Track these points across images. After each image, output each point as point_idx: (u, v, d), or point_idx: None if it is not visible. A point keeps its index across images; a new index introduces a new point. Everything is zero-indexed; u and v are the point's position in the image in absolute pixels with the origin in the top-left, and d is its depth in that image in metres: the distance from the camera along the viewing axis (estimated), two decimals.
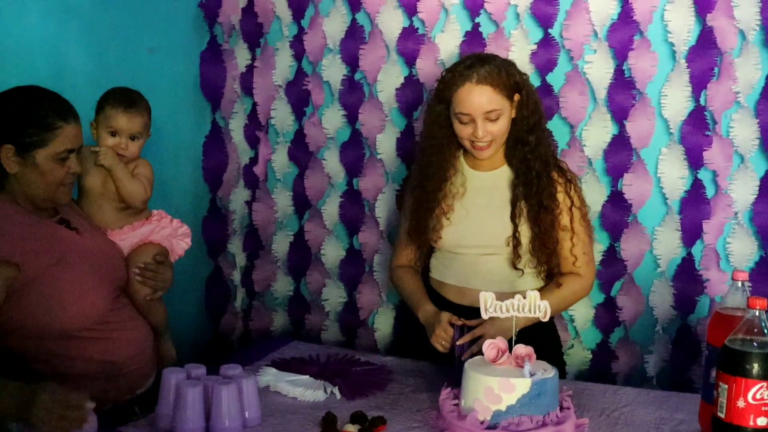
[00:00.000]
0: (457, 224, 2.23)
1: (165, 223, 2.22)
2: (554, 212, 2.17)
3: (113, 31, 2.46)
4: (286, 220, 2.89)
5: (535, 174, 2.16)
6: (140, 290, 2.10)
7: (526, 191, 2.17)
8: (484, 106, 2.10)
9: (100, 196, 2.12)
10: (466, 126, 2.14)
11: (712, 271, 2.42)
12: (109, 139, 2.10)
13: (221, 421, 1.66)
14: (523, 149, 2.18)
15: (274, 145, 2.85)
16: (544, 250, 2.18)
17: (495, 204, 2.21)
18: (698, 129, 2.39)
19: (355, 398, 1.94)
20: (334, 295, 2.84)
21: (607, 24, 2.44)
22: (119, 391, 1.97)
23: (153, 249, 2.16)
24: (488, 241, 2.20)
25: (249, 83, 2.83)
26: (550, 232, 2.17)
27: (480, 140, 2.13)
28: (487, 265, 2.22)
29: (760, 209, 2.37)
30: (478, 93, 2.09)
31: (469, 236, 2.22)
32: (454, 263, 2.26)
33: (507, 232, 2.18)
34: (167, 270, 2.16)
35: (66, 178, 1.90)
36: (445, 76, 2.17)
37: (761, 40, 2.32)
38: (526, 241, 2.17)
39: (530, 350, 1.76)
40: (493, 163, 2.24)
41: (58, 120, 1.85)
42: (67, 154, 1.88)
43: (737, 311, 1.64)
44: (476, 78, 2.09)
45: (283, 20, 2.77)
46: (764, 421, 1.52)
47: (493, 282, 2.17)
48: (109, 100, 2.10)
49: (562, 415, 1.72)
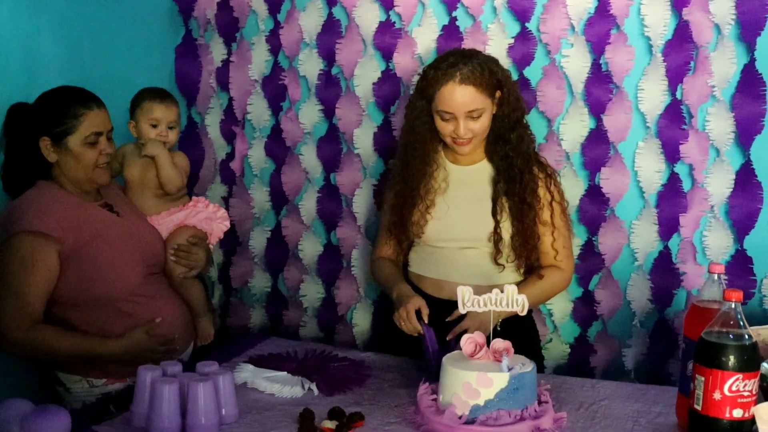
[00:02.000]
0: (438, 219, 2.23)
1: (200, 207, 2.44)
2: (536, 208, 2.18)
3: (86, 25, 2.44)
4: (263, 216, 2.87)
5: (517, 171, 2.18)
6: (175, 269, 2.34)
7: (508, 188, 2.18)
8: (467, 105, 2.10)
9: (141, 185, 2.37)
10: (448, 123, 2.14)
11: (689, 264, 2.44)
12: (151, 130, 2.34)
13: (197, 418, 1.64)
14: (505, 147, 2.19)
15: (250, 141, 2.83)
16: (526, 246, 2.19)
17: (476, 198, 2.22)
18: (675, 123, 2.40)
19: (333, 394, 1.93)
20: (312, 291, 2.83)
21: (584, 18, 2.44)
22: (148, 360, 2.04)
23: (188, 231, 2.39)
24: (469, 236, 2.21)
25: (225, 78, 2.80)
26: (532, 228, 2.18)
27: (461, 137, 2.14)
28: (466, 258, 2.22)
29: (736, 203, 2.38)
30: (461, 93, 2.10)
31: (450, 230, 2.22)
32: (433, 257, 2.26)
33: (488, 227, 2.18)
34: (200, 251, 2.38)
35: (99, 159, 2.14)
36: (428, 73, 2.17)
37: (736, 35, 2.33)
38: (508, 236, 2.18)
39: (508, 344, 1.76)
40: (473, 158, 2.25)
41: (80, 108, 2.09)
42: (95, 137, 2.11)
43: (713, 304, 1.65)
44: (459, 77, 2.09)
45: (259, 14, 2.74)
46: (740, 413, 1.53)
47: (472, 276, 2.18)
48: (146, 96, 2.35)
49: (540, 410, 1.72)
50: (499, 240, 2.17)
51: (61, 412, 1.55)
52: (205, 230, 2.44)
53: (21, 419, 1.53)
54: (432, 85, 2.13)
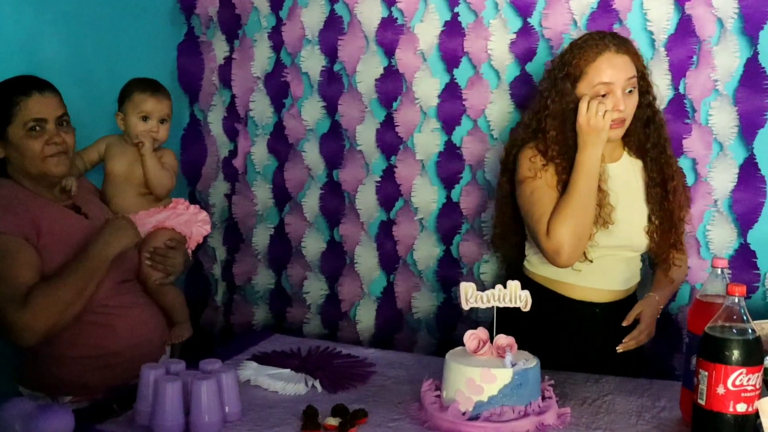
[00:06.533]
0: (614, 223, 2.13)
1: (181, 209, 2.30)
2: (680, 203, 2.19)
3: (89, 22, 2.44)
4: (266, 213, 2.87)
5: (664, 159, 2.16)
6: (151, 275, 2.19)
7: (655, 176, 2.17)
8: (628, 72, 2.05)
9: (125, 181, 2.23)
10: (606, 99, 2.04)
11: (693, 258, 2.43)
12: (141, 124, 2.20)
13: (201, 416, 1.64)
14: (650, 140, 2.17)
15: (253, 138, 2.83)
16: (668, 242, 2.20)
17: (632, 196, 2.18)
18: (678, 117, 2.39)
19: (336, 391, 1.93)
20: (316, 288, 2.82)
21: (587, 13, 2.43)
22: (119, 379, 1.97)
23: (166, 234, 2.25)
24: (634, 239, 2.17)
25: (227, 75, 2.80)
26: (678, 227, 2.20)
27: (621, 112, 2.05)
28: (626, 263, 2.22)
29: (739, 197, 2.38)
30: (620, 60, 2.04)
31: (619, 232, 2.13)
32: (592, 264, 2.14)
33: (645, 221, 2.17)
34: (178, 255, 2.25)
35: (47, 149, 1.96)
36: (572, 52, 2.08)
37: (739, 28, 2.33)
38: (655, 229, 2.18)
39: (511, 340, 1.76)
40: (613, 154, 2.17)
41: (17, 95, 1.93)
42: (37, 124, 1.94)
43: (717, 298, 1.64)
44: (614, 47, 2.05)
45: (261, 11, 2.74)
46: (744, 408, 1.53)
47: (625, 280, 2.23)
48: (136, 87, 2.22)
49: (544, 405, 1.72)
50: (657, 231, 2.16)
51: (64, 410, 1.55)
52: (184, 233, 2.32)
53: (23, 418, 1.53)
54: (584, 59, 2.05)
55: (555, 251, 2.03)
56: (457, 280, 2.61)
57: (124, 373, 1.99)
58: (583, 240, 2.05)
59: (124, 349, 2.04)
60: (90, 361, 2.01)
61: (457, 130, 2.60)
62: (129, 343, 2.05)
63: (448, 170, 2.63)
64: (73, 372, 1.99)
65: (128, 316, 2.07)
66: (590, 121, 2.02)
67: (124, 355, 2.04)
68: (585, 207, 2.03)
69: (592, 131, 2.02)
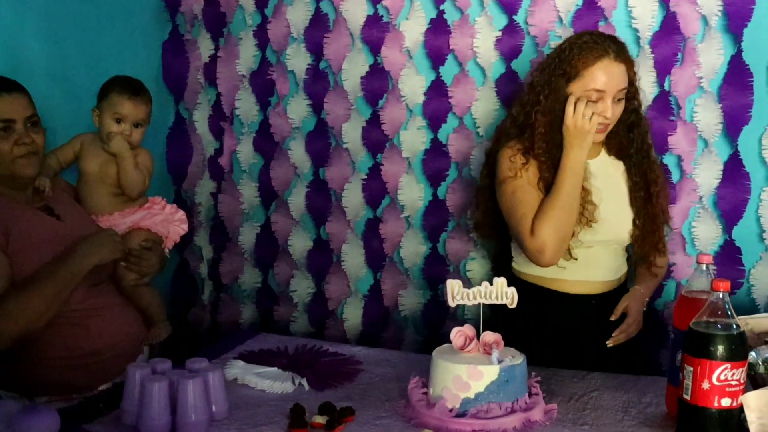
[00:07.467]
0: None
1: (157, 209, 2.27)
2: (660, 200, 2.20)
3: (72, 21, 2.42)
4: (252, 212, 2.86)
5: (647, 164, 2.18)
6: (126, 276, 2.16)
7: (638, 180, 2.19)
8: (621, 83, 2.05)
9: (97, 180, 2.19)
10: (595, 104, 2.04)
11: (678, 255, 2.44)
12: (114, 125, 2.16)
13: (187, 415, 1.63)
14: (633, 140, 2.18)
15: (239, 136, 2.82)
16: (652, 238, 2.20)
17: (614, 193, 2.19)
18: (663, 114, 2.40)
19: (323, 389, 1.93)
20: (303, 286, 2.82)
21: (572, 10, 2.44)
22: (96, 379, 1.96)
23: (141, 235, 2.22)
24: (618, 235, 2.19)
25: (213, 73, 2.79)
26: (658, 221, 2.21)
27: (607, 119, 2.06)
28: (612, 255, 2.22)
29: (724, 193, 2.39)
30: (617, 70, 2.04)
31: (603, 229, 2.14)
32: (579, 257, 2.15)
33: (629, 222, 2.19)
34: (153, 256, 2.22)
35: (15, 150, 1.92)
36: (571, 50, 2.06)
37: (723, 26, 2.34)
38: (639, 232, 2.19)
39: (498, 337, 1.76)
40: (590, 151, 2.13)
41: None
42: (4, 125, 1.90)
43: (702, 294, 1.65)
44: (614, 54, 2.04)
45: (246, 9, 2.73)
46: (728, 402, 1.54)
47: (611, 271, 2.23)
48: (115, 87, 2.17)
49: (530, 402, 1.73)
50: (640, 234, 2.18)
51: (50, 411, 1.54)
52: (160, 233, 2.29)
53: (9, 419, 1.52)
54: (582, 61, 2.04)
55: (538, 250, 2.04)
56: (443, 277, 2.61)
57: (101, 374, 1.99)
58: (566, 240, 2.07)
59: (99, 350, 2.01)
60: (66, 362, 1.97)
61: (443, 127, 2.60)
62: (105, 344, 2.02)
63: (434, 168, 2.63)
64: (49, 373, 1.95)
65: (103, 317, 2.04)
66: (577, 123, 2.03)
67: (100, 355, 2.02)
68: (569, 207, 2.04)
69: (579, 133, 2.03)
